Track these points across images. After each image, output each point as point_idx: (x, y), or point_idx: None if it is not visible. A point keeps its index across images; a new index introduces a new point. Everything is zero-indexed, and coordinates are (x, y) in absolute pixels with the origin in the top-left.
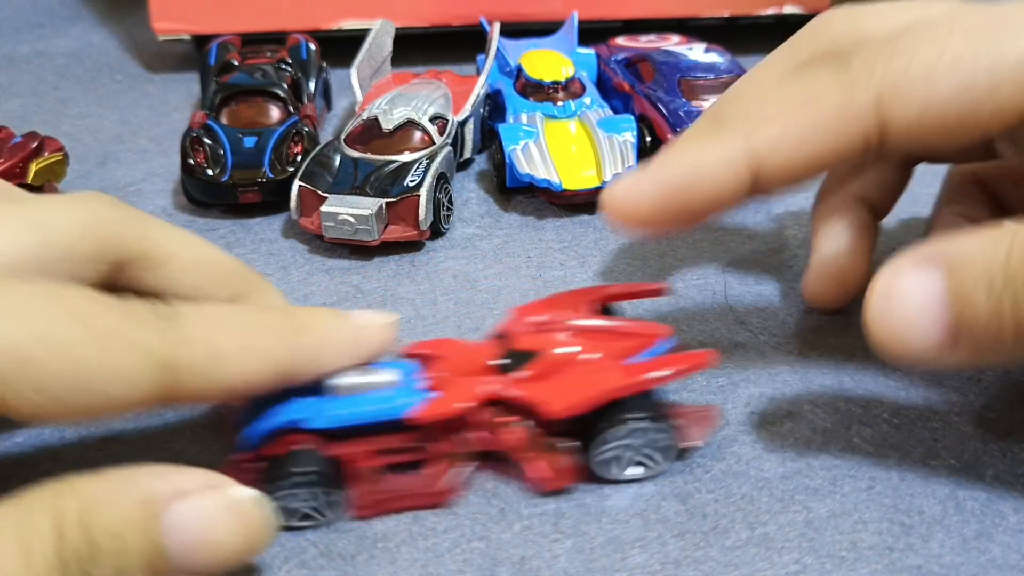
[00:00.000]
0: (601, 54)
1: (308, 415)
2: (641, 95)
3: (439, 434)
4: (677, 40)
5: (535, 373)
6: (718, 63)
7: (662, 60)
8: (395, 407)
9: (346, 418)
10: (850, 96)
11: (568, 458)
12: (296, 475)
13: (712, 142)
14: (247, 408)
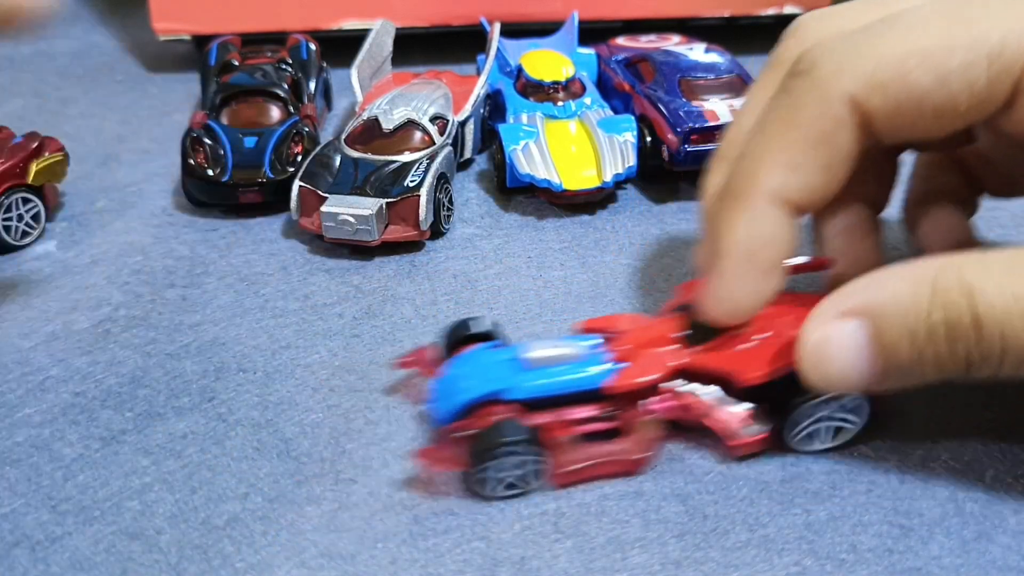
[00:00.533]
0: (601, 54)
1: (508, 386)
2: (641, 95)
3: (629, 404)
4: (677, 40)
5: (722, 343)
6: (718, 63)
7: (662, 60)
8: (592, 376)
9: (546, 388)
10: (825, 104)
11: (758, 426)
12: (505, 444)
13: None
14: (437, 383)
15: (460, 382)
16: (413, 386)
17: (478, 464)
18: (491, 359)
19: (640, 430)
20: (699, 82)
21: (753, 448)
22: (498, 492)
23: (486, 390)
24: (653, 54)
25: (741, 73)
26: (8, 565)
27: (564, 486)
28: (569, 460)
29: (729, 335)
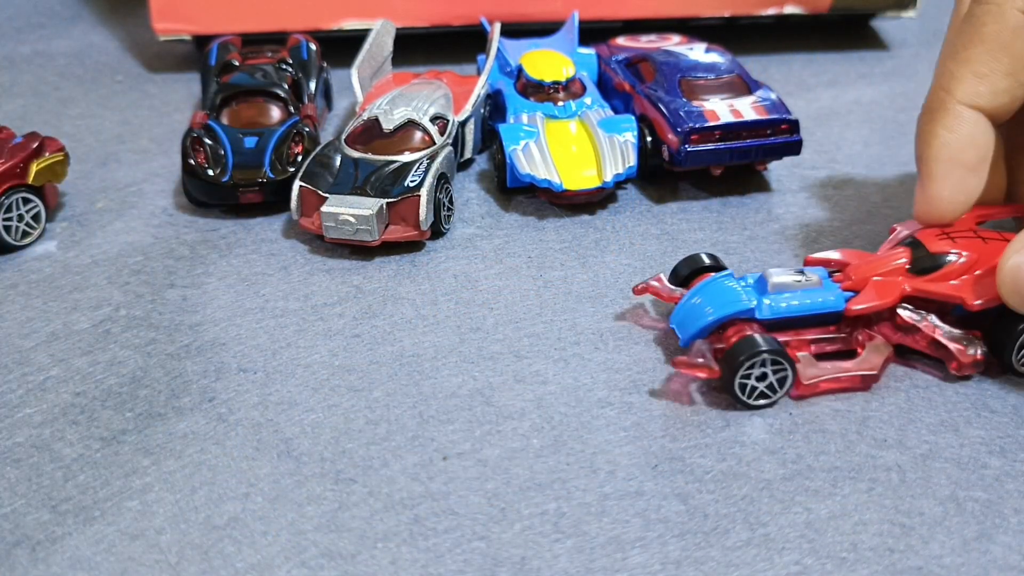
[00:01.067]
0: (601, 54)
1: (758, 306)
2: (642, 95)
3: (859, 328)
4: (678, 40)
5: (948, 273)
6: (719, 63)
7: (663, 60)
8: (831, 301)
9: (790, 309)
10: (1002, 17)
11: (981, 350)
12: (759, 353)
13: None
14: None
15: (706, 305)
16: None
17: (733, 372)
18: (731, 285)
19: (871, 351)
20: (699, 82)
21: (973, 370)
22: (750, 399)
23: (736, 309)
24: (653, 54)
25: (741, 73)
26: (9, 565)
27: (802, 398)
28: (807, 375)
29: (953, 266)
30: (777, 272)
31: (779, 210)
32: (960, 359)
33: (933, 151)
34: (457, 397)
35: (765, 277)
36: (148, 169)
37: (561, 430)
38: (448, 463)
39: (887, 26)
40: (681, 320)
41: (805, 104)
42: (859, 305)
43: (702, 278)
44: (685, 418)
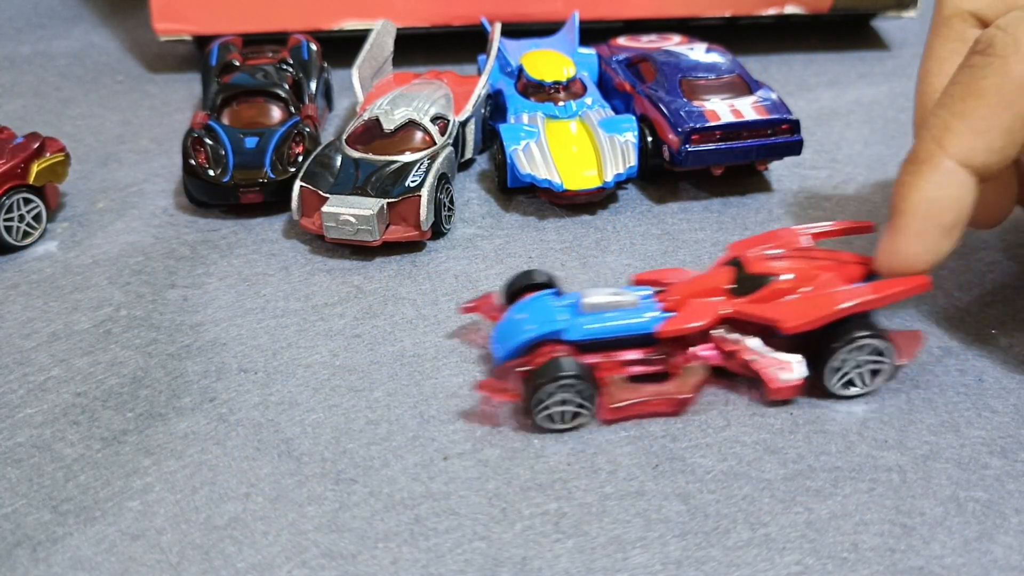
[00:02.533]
0: (602, 54)
1: (567, 328)
2: (642, 95)
3: (677, 349)
4: (678, 40)
5: (767, 295)
6: (719, 63)
7: (663, 60)
8: (644, 322)
9: (600, 331)
10: (1006, 72)
11: (797, 372)
12: (560, 378)
13: (921, 176)
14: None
15: (521, 324)
16: (476, 330)
17: (534, 396)
18: (550, 304)
19: (686, 374)
20: (700, 82)
21: (791, 394)
22: (552, 424)
23: (545, 330)
24: (654, 54)
25: (742, 73)
26: (10, 565)
27: (612, 421)
28: (619, 398)
29: (773, 287)
30: (593, 292)
31: (780, 210)
32: (770, 384)
33: (912, 206)
34: (458, 397)
35: (579, 298)
36: (149, 169)
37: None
38: (449, 463)
39: (888, 26)
40: (499, 338)
41: (806, 104)
42: (669, 327)
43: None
44: (686, 418)
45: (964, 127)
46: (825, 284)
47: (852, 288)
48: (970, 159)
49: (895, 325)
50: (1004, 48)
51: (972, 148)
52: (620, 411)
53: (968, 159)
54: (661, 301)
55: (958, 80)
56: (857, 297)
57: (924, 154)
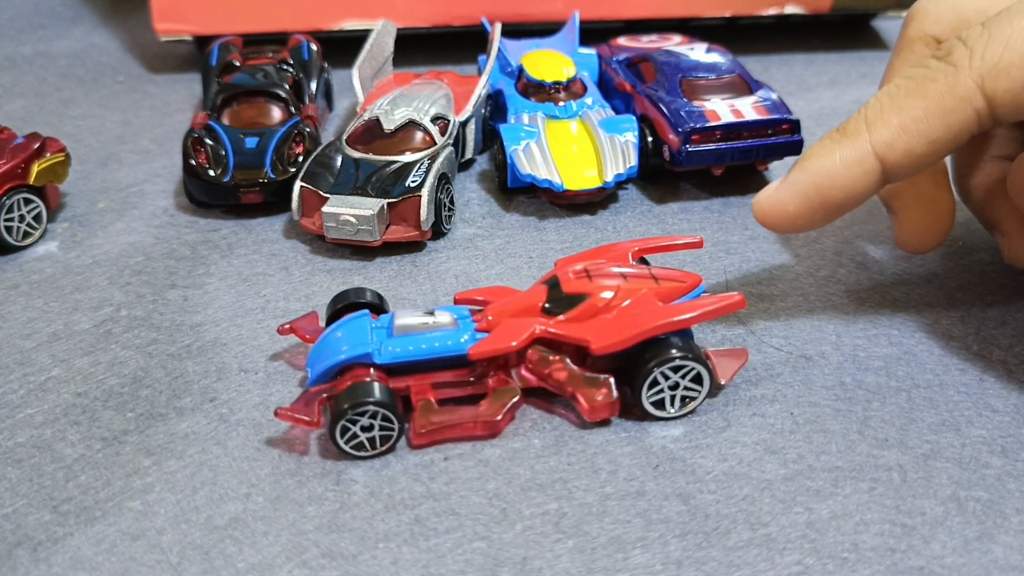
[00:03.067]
0: (602, 54)
1: (374, 351)
2: (643, 95)
3: (492, 371)
4: (678, 40)
5: (581, 314)
6: (719, 63)
7: (663, 60)
8: (453, 344)
9: (409, 354)
10: (954, 82)
11: (610, 393)
12: (358, 405)
13: (839, 146)
14: (314, 347)
15: (333, 346)
16: (297, 352)
17: (333, 423)
18: (364, 325)
19: (497, 396)
20: (700, 82)
21: (607, 413)
22: (358, 452)
23: (353, 354)
24: (654, 54)
25: (742, 73)
26: (10, 566)
27: (423, 446)
28: (429, 422)
29: (587, 306)
30: (404, 314)
31: None
32: (582, 403)
33: (813, 167)
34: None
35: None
36: (149, 169)
37: (562, 430)
38: (449, 463)
39: (888, 26)
40: (312, 359)
41: (806, 104)
42: (480, 349)
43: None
44: (687, 418)
45: (896, 121)
46: (641, 302)
47: (666, 307)
48: (887, 153)
49: (896, 323)
50: (960, 59)
51: (893, 143)
52: (429, 435)
53: (885, 153)
54: (477, 321)
55: (910, 75)
56: (669, 316)
57: (851, 129)
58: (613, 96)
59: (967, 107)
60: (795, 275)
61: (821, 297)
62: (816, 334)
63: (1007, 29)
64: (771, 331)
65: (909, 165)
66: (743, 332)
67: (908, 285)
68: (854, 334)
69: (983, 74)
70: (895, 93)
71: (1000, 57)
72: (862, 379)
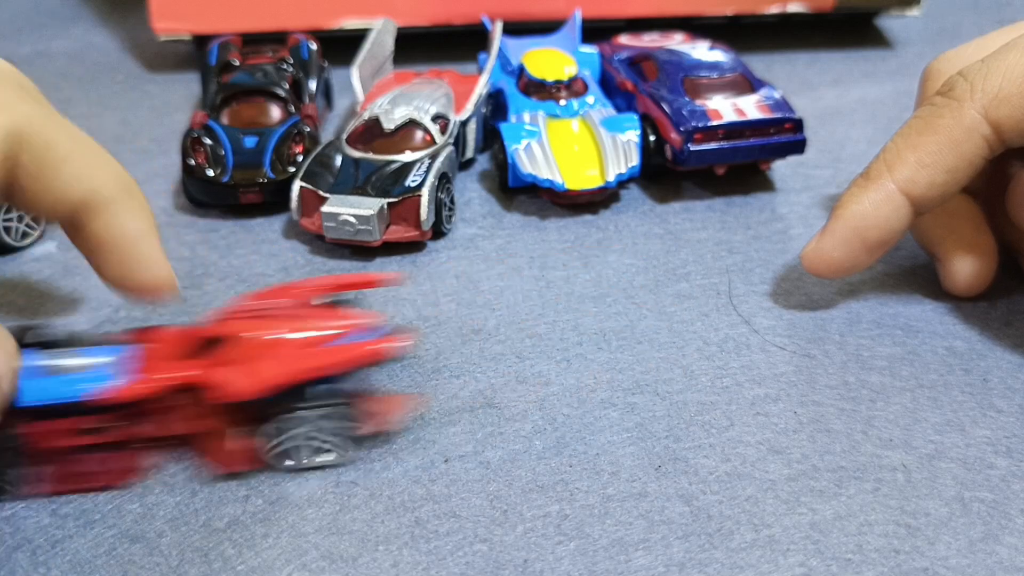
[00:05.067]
0: (604, 52)
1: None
2: (644, 94)
3: (133, 417)
4: (680, 39)
5: (226, 357)
6: (722, 62)
7: (665, 59)
8: (74, 389)
9: (25, 400)
10: (960, 115)
11: (244, 443)
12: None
13: (866, 191)
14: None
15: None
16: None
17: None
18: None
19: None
20: (703, 81)
21: (235, 465)
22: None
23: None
24: (656, 52)
25: (745, 72)
26: (9, 569)
27: (54, 495)
28: (62, 470)
29: (231, 349)
30: (55, 355)
31: (783, 209)
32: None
33: (847, 214)
34: (459, 399)
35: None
36: (148, 169)
37: (564, 431)
38: (450, 465)
39: (891, 24)
40: None
41: (809, 103)
42: (94, 397)
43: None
44: (689, 418)
45: (913, 158)
46: (288, 345)
47: (321, 349)
48: (911, 189)
49: (900, 323)
50: (962, 93)
51: (914, 179)
52: (60, 485)
53: (909, 188)
54: (133, 363)
55: (919, 115)
56: (318, 360)
57: (874, 173)
58: (615, 95)
59: (975, 136)
60: (798, 274)
61: (824, 296)
62: (820, 333)
63: (1003, 62)
64: (775, 330)
65: (935, 196)
66: (746, 331)
67: (912, 285)
68: (858, 333)
69: (985, 104)
70: (908, 133)
71: (999, 88)
72: (866, 379)
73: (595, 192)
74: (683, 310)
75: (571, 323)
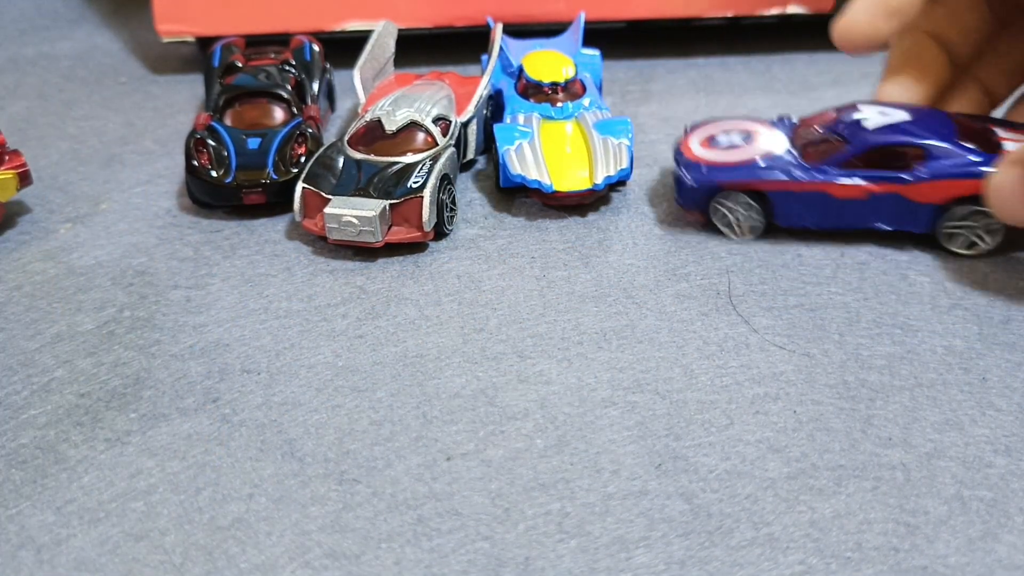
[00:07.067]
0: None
1: None
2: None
3: None
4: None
5: None
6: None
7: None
8: None
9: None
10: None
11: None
12: None
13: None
14: None
15: None
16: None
17: None
18: None
19: None
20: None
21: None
22: None
23: None
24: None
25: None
26: (14, 567)
27: None
28: None
29: None
30: None
31: None
32: None
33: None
34: (461, 397)
35: None
36: (152, 170)
37: (565, 430)
38: (452, 463)
39: None
40: None
41: (809, 104)
42: None
43: None
44: (689, 417)
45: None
46: None
47: None
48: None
49: (899, 322)
50: None
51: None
52: None
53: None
54: None
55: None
56: None
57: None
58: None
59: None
60: (798, 274)
61: (823, 296)
62: (819, 332)
63: None
64: (774, 329)
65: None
66: (746, 331)
67: (911, 284)
68: (857, 333)
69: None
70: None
71: None
72: (865, 378)
73: (583, 194)
74: (683, 310)
75: (572, 323)
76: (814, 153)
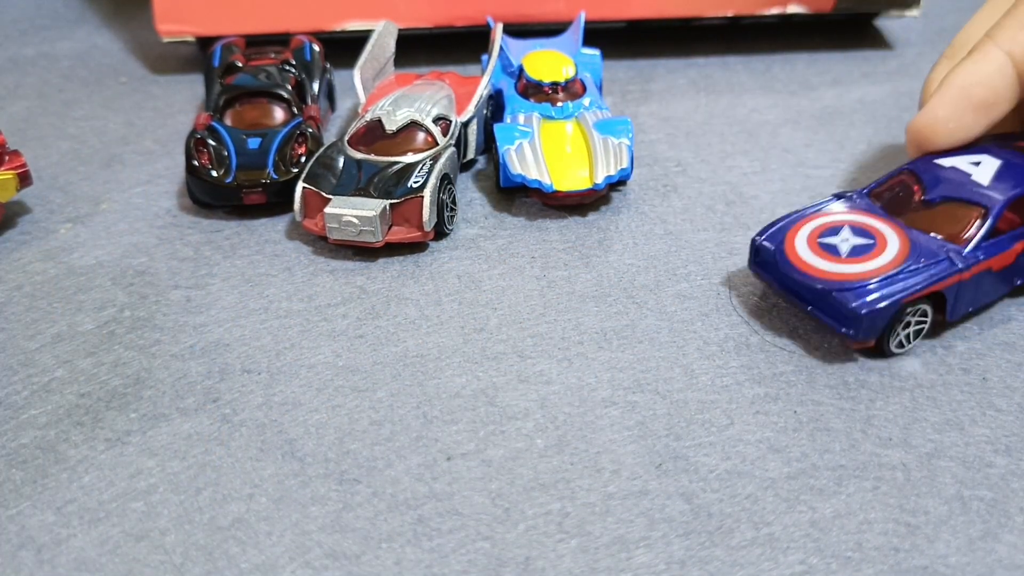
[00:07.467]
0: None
1: None
2: None
3: None
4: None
5: None
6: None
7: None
8: None
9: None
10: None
11: None
12: None
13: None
14: None
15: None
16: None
17: None
18: None
19: None
20: None
21: None
22: None
23: None
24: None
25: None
26: (14, 567)
27: None
28: None
29: None
30: None
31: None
32: None
33: (952, 77)
34: (461, 397)
35: None
36: (152, 170)
37: (565, 430)
38: (452, 463)
39: (891, 25)
40: None
41: (809, 103)
42: None
43: None
44: (689, 416)
45: (1014, 22)
46: None
47: None
48: (1012, 47)
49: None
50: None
51: (1016, 38)
52: None
53: (1011, 47)
54: None
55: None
56: None
57: (977, 44)
58: None
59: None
60: None
61: None
62: (819, 333)
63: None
64: (774, 329)
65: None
66: (746, 331)
67: None
68: None
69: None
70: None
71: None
72: (865, 378)
73: (584, 194)
74: (683, 310)
75: (572, 322)
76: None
